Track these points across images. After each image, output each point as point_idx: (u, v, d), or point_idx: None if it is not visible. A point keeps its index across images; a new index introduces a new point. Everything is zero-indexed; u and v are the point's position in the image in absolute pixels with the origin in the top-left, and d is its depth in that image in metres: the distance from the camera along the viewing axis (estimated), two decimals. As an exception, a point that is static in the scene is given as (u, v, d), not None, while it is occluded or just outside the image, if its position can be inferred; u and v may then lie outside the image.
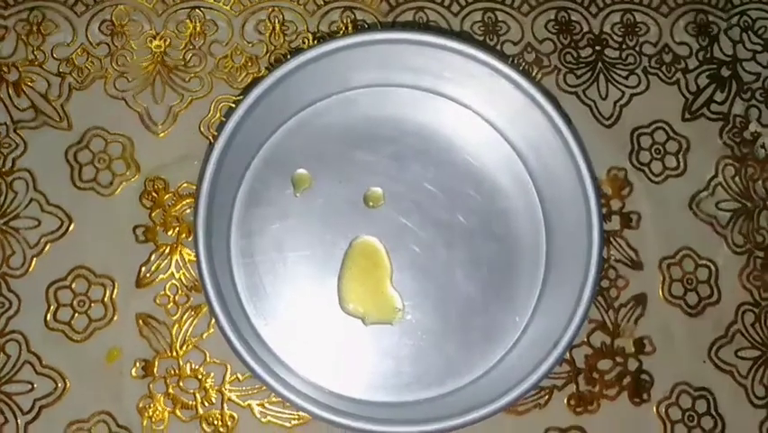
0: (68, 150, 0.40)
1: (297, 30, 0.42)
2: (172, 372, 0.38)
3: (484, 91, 0.38)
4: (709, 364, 0.40)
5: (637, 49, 0.44)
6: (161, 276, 0.39)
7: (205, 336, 0.39)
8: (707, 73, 0.44)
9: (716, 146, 0.42)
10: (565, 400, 0.39)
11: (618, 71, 0.43)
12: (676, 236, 0.41)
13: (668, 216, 0.40)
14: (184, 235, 0.40)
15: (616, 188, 0.42)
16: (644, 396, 0.40)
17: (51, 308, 0.38)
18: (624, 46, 0.43)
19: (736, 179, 0.42)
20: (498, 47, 0.43)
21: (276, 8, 0.42)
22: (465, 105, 0.40)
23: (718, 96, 0.43)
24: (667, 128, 0.43)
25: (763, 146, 0.43)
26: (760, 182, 0.42)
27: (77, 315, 0.39)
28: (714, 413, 0.40)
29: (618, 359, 0.40)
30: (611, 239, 0.41)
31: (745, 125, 0.43)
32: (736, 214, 0.42)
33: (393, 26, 0.42)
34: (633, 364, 0.40)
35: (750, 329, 0.41)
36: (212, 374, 0.38)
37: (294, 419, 0.38)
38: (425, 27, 0.42)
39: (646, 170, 0.42)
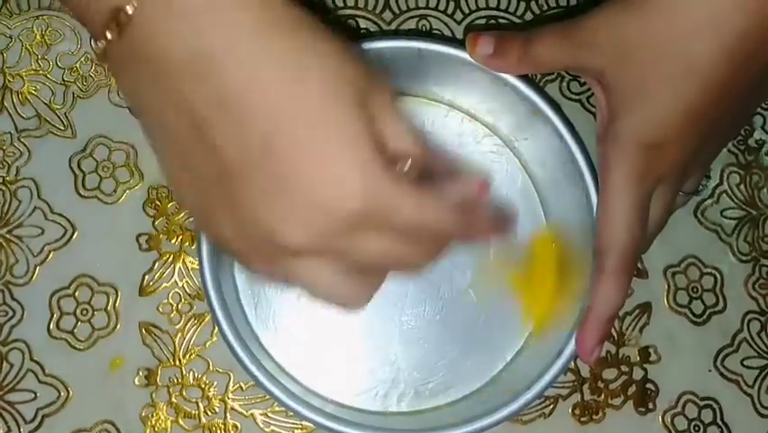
0: (71, 158, 0.40)
1: (300, 38, 0.42)
2: (175, 380, 0.38)
3: (488, 99, 0.38)
4: (715, 374, 0.40)
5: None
6: (164, 284, 0.39)
7: (208, 344, 0.39)
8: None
9: (720, 154, 0.42)
10: (570, 410, 0.39)
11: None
12: (681, 245, 0.41)
13: (672, 225, 0.40)
14: (187, 244, 0.40)
15: (620, 196, 0.41)
16: (650, 405, 0.39)
17: (54, 316, 0.38)
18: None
19: (741, 186, 0.42)
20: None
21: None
22: (467, 113, 0.40)
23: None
24: (671, 136, 0.42)
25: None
26: (765, 190, 0.42)
27: (80, 323, 0.39)
28: (720, 423, 0.39)
29: (623, 368, 0.40)
30: (616, 247, 0.41)
31: (750, 133, 0.43)
32: (741, 222, 0.42)
33: (396, 34, 0.42)
34: (638, 373, 0.40)
35: (756, 338, 0.40)
36: (215, 383, 0.38)
37: (297, 428, 0.38)
38: (428, 35, 0.42)
39: (651, 177, 0.42)
